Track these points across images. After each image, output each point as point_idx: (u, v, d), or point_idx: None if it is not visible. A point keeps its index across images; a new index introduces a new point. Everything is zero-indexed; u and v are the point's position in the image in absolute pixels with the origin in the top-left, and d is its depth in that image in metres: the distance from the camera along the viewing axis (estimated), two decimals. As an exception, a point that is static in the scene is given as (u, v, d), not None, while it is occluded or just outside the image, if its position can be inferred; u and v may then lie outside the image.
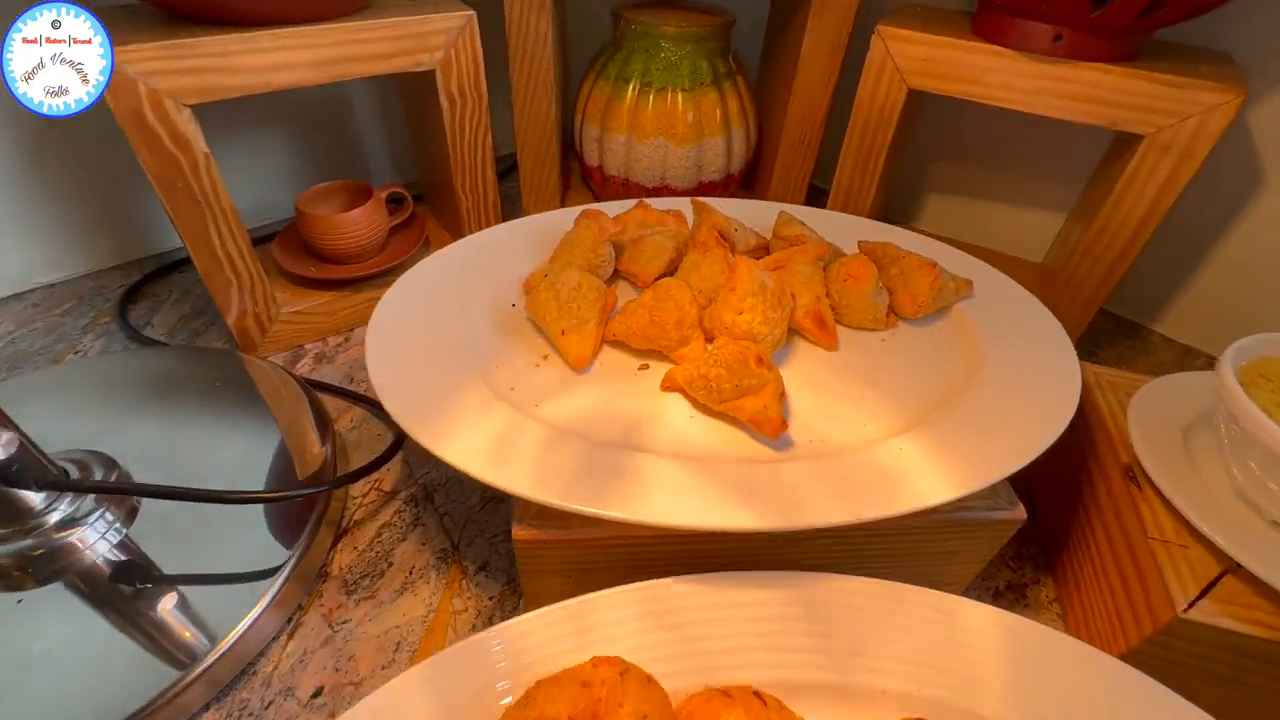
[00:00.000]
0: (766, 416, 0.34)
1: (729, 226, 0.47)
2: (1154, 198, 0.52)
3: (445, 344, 0.39)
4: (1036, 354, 0.41)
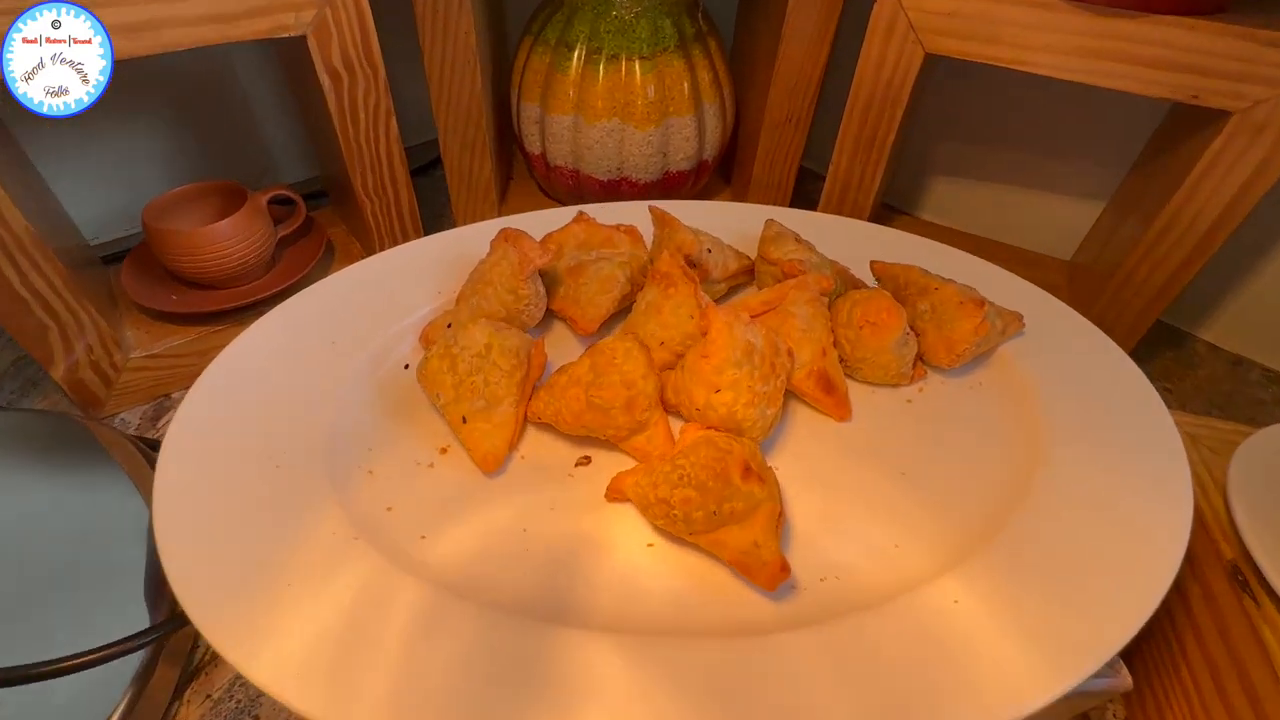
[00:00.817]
0: (758, 559, 0.23)
1: (699, 248, 0.35)
2: (1239, 190, 0.41)
3: (290, 448, 0.27)
4: (1115, 423, 0.30)
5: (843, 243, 0.39)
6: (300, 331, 0.32)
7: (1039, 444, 0.30)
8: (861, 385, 0.33)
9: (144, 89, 0.57)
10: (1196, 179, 0.42)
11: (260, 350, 0.31)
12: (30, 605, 0.34)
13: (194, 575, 0.22)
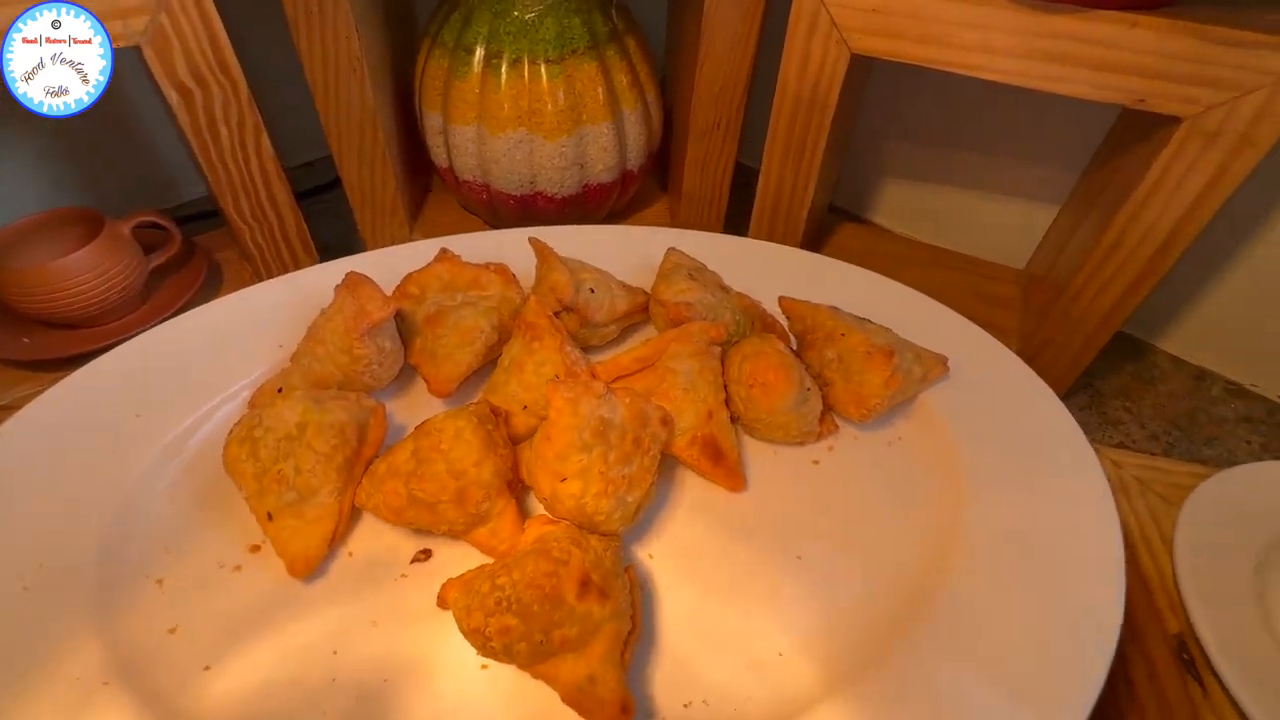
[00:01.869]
0: (595, 696, 0.19)
1: (577, 289, 0.30)
2: (1193, 201, 0.37)
3: (50, 560, 0.22)
4: (1045, 486, 0.26)
5: (757, 272, 0.35)
6: (96, 402, 0.27)
7: (957, 514, 0.26)
8: (762, 444, 0.29)
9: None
10: (1148, 190, 0.38)
11: (38, 428, 0.26)
12: None
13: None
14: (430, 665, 0.22)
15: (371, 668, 0.21)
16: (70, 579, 0.22)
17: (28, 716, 0.19)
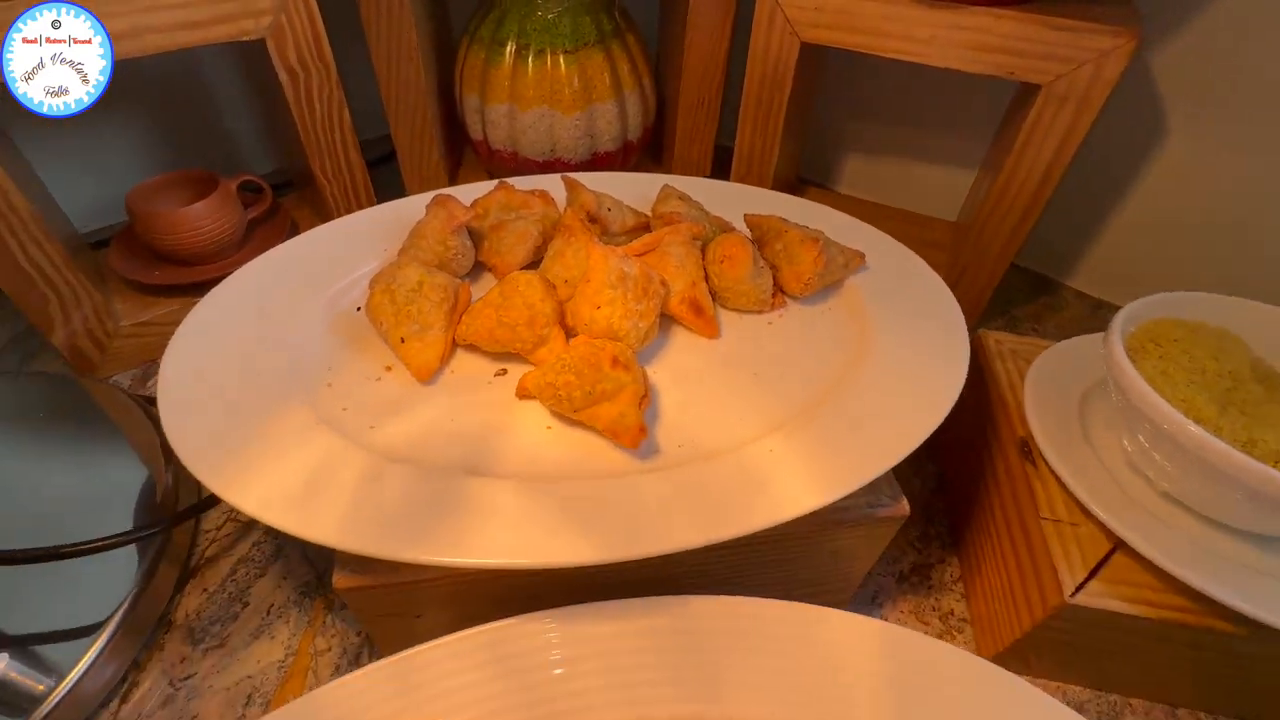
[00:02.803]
0: (624, 425, 0.31)
1: (599, 206, 0.42)
2: (1055, 149, 0.49)
3: (265, 363, 0.34)
4: (926, 332, 0.38)
5: (727, 202, 0.47)
6: (273, 280, 0.39)
7: (864, 346, 0.38)
8: (731, 313, 0.41)
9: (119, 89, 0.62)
10: (1022, 143, 0.50)
11: (242, 291, 0.38)
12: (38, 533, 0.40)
13: (195, 445, 0.29)
14: (514, 427, 0.33)
15: (476, 431, 0.33)
16: (281, 374, 0.34)
17: (276, 437, 0.30)
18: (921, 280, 0.42)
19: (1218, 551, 0.33)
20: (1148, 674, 0.37)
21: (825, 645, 0.28)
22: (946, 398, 0.34)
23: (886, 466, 0.30)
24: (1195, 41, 0.54)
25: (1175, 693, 0.38)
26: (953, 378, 0.35)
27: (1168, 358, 0.35)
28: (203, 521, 0.44)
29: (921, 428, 0.32)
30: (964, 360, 0.36)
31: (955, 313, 0.40)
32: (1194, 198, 0.59)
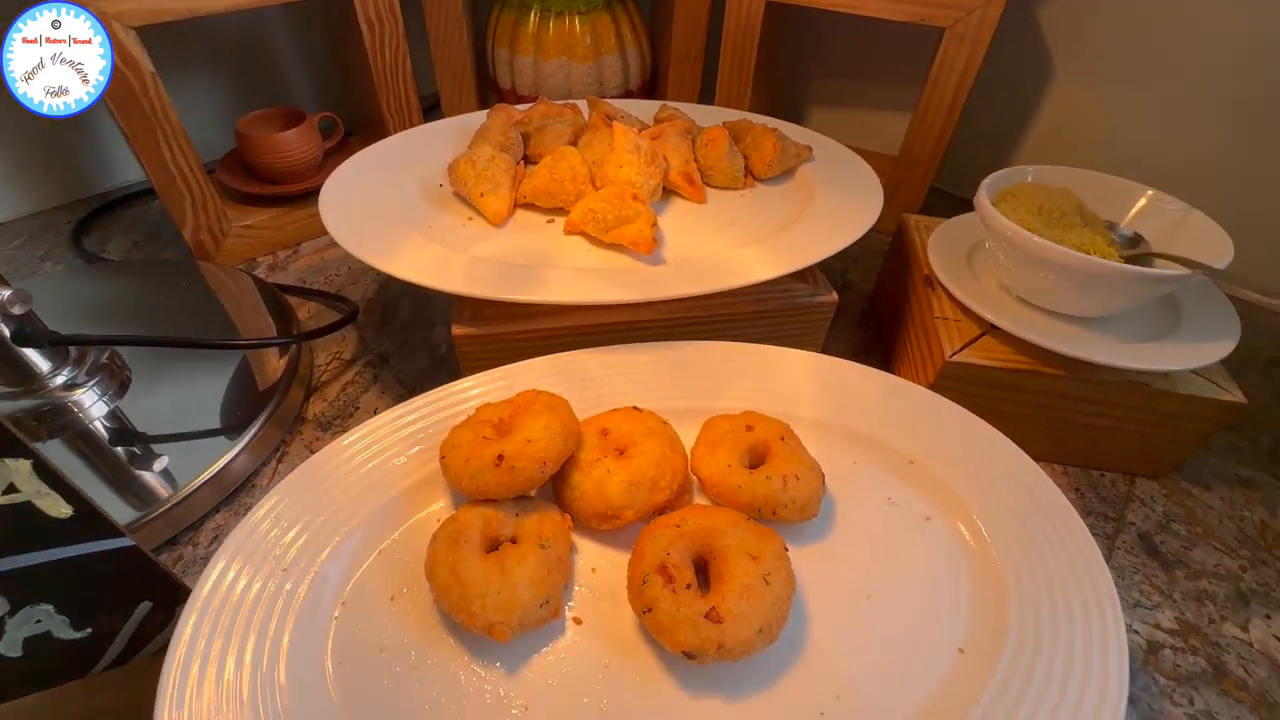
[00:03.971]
0: (641, 237, 0.45)
1: (617, 112, 0.57)
2: (957, 81, 0.64)
3: (387, 206, 0.49)
4: (854, 194, 0.53)
5: (711, 117, 0.62)
6: (384, 158, 0.54)
7: (810, 204, 0.53)
8: (715, 190, 0.56)
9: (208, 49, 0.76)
10: (934, 78, 0.65)
11: (365, 160, 0.53)
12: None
13: (350, 238, 0.44)
14: (565, 250, 0.47)
15: (540, 252, 0.47)
16: (394, 216, 0.48)
17: (403, 246, 0.45)
18: (852, 166, 0.58)
19: (1047, 326, 0.48)
20: (1012, 428, 0.51)
21: (781, 364, 0.42)
22: (860, 228, 0.48)
23: (818, 259, 0.45)
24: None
25: (1035, 446, 0.52)
26: (866, 218, 0.50)
27: (1016, 201, 0.50)
28: (315, 357, 0.58)
29: (842, 241, 0.47)
30: (876, 208, 0.51)
31: (874, 182, 0.55)
32: (1077, 127, 0.75)
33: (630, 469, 0.34)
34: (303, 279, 0.67)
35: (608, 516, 0.33)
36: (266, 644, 0.29)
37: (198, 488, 0.45)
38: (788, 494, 0.34)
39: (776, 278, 0.44)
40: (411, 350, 0.59)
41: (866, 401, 0.41)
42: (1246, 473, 0.53)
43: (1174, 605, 0.44)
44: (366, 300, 0.64)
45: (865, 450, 0.40)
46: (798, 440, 0.37)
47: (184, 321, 0.58)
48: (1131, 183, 0.51)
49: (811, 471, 0.35)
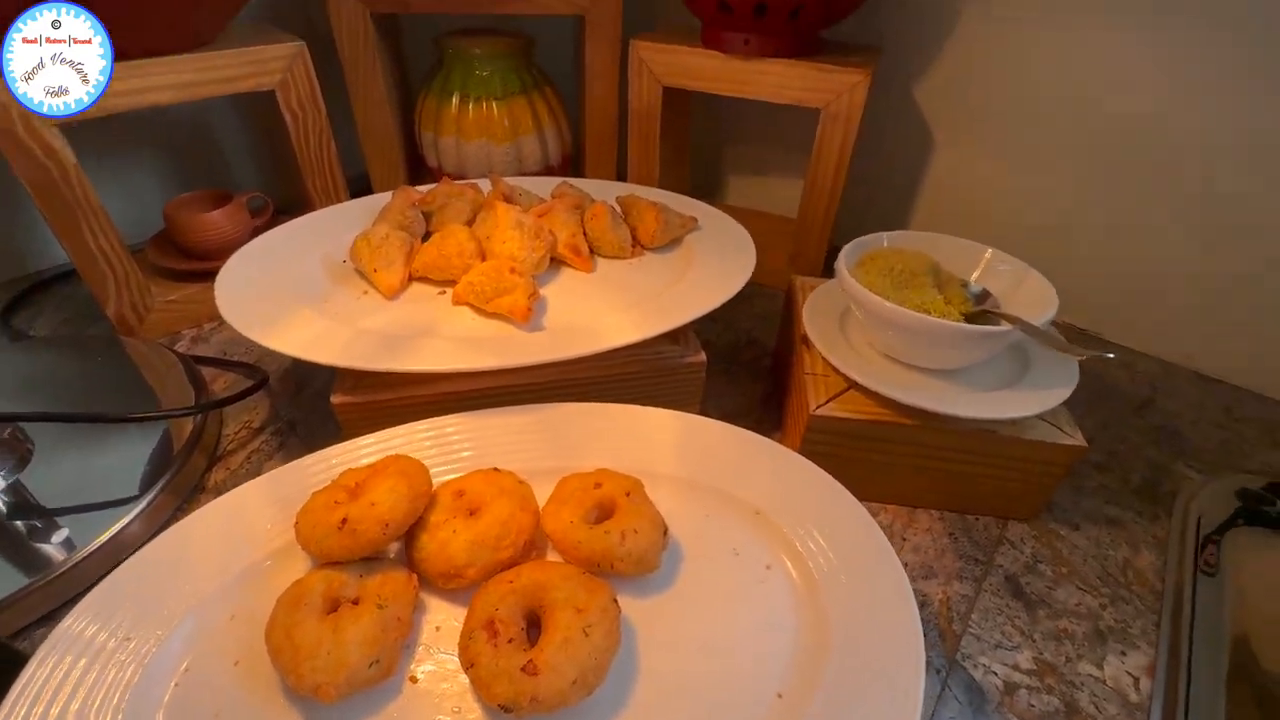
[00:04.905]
0: (517, 306, 0.48)
1: (514, 191, 0.61)
2: (838, 155, 0.70)
3: (285, 282, 0.52)
4: (731, 259, 0.58)
5: (607, 192, 0.67)
6: (288, 238, 0.57)
7: (689, 268, 0.57)
8: (606, 259, 0.60)
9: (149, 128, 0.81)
10: (817, 152, 0.71)
11: (271, 241, 0.57)
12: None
13: (239, 317, 0.46)
14: (451, 319, 0.51)
15: (428, 322, 0.50)
16: (289, 292, 0.51)
17: (292, 321, 0.47)
18: (732, 233, 0.62)
19: (904, 380, 0.51)
20: (883, 477, 0.54)
21: (642, 423, 0.45)
22: (729, 291, 0.52)
23: (684, 320, 0.49)
24: (941, 81, 0.77)
25: (908, 494, 0.55)
26: (737, 281, 0.54)
27: (873, 264, 0.54)
28: (225, 426, 0.60)
29: (709, 303, 0.51)
30: (748, 271, 0.55)
31: (749, 248, 0.59)
32: (953, 191, 0.81)
33: (476, 529, 0.36)
34: (224, 350, 0.69)
35: (451, 575, 0.35)
36: (97, 703, 0.30)
37: (87, 555, 0.46)
38: (624, 547, 0.36)
39: (644, 340, 0.47)
40: (321, 418, 0.61)
41: (721, 456, 0.44)
42: (1114, 512, 0.56)
43: (1033, 645, 0.46)
44: (283, 370, 0.66)
45: (717, 503, 0.42)
46: (643, 495, 0.39)
47: (101, 395, 0.59)
48: (975, 243, 0.56)
49: (651, 525, 0.37)
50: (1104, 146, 0.69)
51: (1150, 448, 0.63)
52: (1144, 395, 0.70)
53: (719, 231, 0.63)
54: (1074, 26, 0.67)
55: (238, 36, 0.67)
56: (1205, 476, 0.60)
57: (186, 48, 0.61)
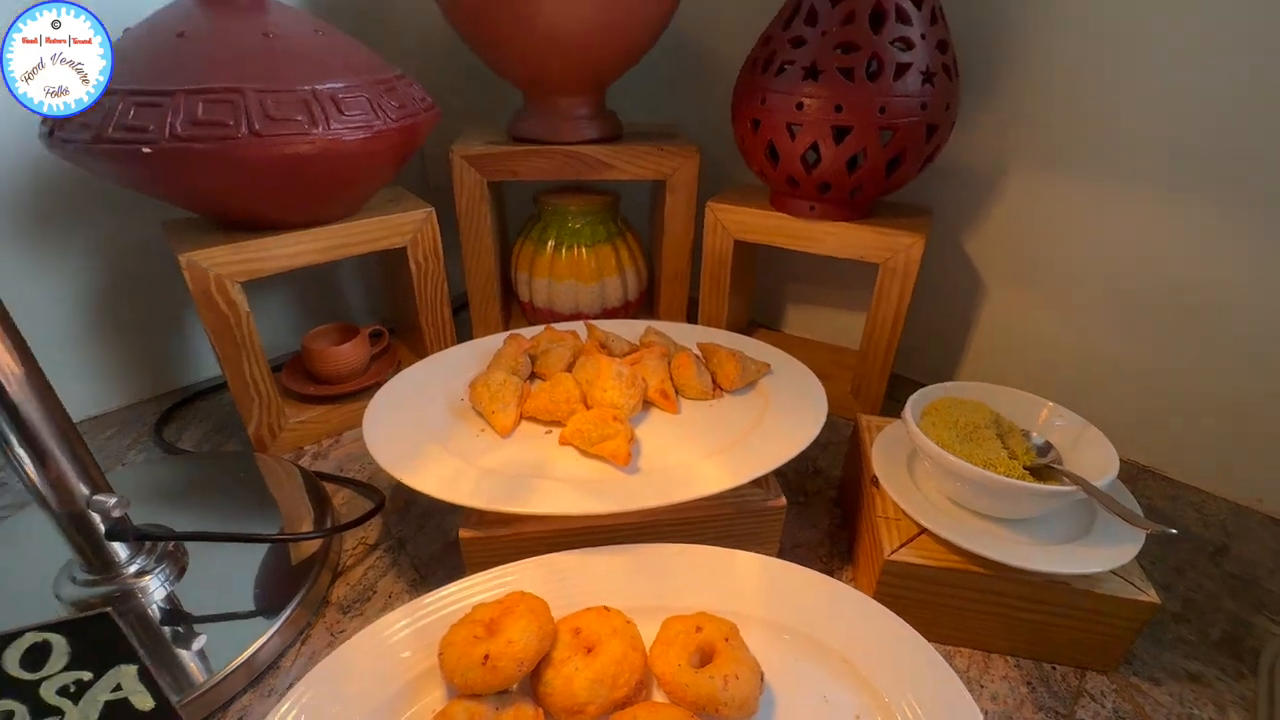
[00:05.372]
0: (618, 452, 0.55)
1: (608, 338, 0.70)
2: (896, 302, 0.77)
3: (415, 421, 0.60)
4: (805, 405, 0.64)
5: (688, 336, 0.75)
6: (416, 380, 0.66)
7: (765, 414, 0.63)
8: (687, 401, 0.67)
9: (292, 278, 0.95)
10: (877, 299, 0.78)
11: (402, 383, 0.65)
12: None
13: (384, 455, 0.54)
14: (559, 459, 0.58)
15: (538, 461, 0.57)
16: (422, 431, 0.59)
17: (427, 461, 0.55)
18: (803, 378, 0.68)
19: (973, 528, 0.54)
20: (960, 622, 0.56)
21: (731, 566, 0.50)
22: (804, 442, 0.58)
23: (769, 469, 0.54)
24: (988, 237, 0.84)
25: (986, 639, 0.57)
26: (811, 431, 0.59)
27: (937, 416, 0.59)
28: (344, 541, 0.67)
29: (788, 453, 0.56)
30: (820, 421, 0.61)
31: (820, 394, 0.65)
32: (1005, 334, 0.87)
33: (594, 667, 0.41)
34: (341, 465, 0.78)
35: (574, 712, 0.40)
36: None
37: (232, 671, 0.52)
38: (727, 693, 0.40)
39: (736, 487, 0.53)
40: (428, 535, 0.68)
41: (808, 602, 0.48)
42: (1196, 667, 0.56)
43: (1123, 809, 0.46)
44: (392, 488, 0.74)
45: (806, 649, 0.46)
46: (740, 641, 0.43)
47: (239, 509, 0.68)
48: (1034, 396, 0.61)
49: (751, 672, 0.41)
50: (1149, 304, 0.75)
51: (1228, 598, 0.63)
52: (1218, 541, 0.71)
53: (790, 376, 0.69)
54: (1105, 199, 0.74)
55: (375, 201, 0.80)
56: (1289, 631, 0.60)
57: (337, 220, 0.74)
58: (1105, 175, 0.73)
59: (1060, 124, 0.74)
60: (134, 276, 0.84)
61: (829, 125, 0.66)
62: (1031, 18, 0.72)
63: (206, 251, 0.65)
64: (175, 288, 0.77)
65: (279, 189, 0.63)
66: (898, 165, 0.69)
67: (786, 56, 0.67)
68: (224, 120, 0.55)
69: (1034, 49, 0.73)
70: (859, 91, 0.64)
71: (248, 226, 0.69)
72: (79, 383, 0.84)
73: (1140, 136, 0.69)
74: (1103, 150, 0.72)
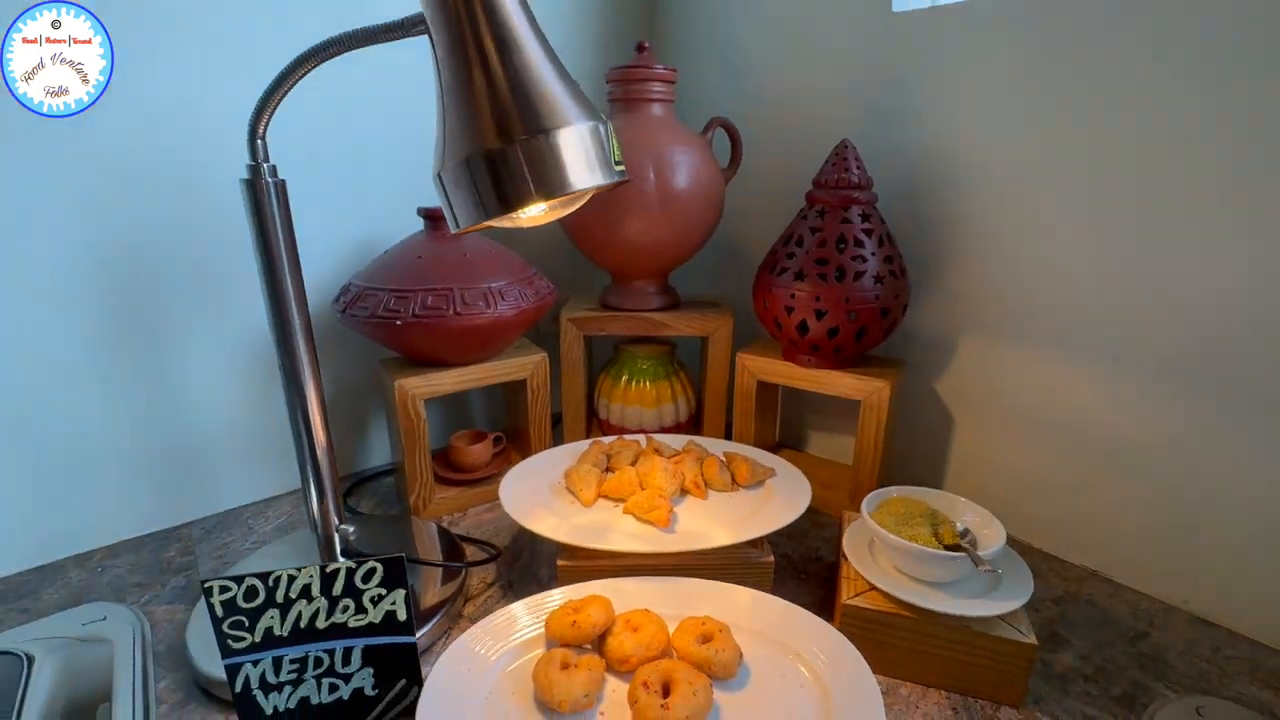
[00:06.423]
0: (662, 519, 0.84)
1: (661, 446, 1.01)
2: (875, 430, 1.04)
3: (530, 492, 0.92)
4: (795, 499, 0.91)
5: (717, 447, 1.05)
6: (528, 470, 0.99)
7: (768, 503, 0.91)
8: (715, 491, 0.95)
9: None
10: (861, 426, 1.05)
11: (521, 470, 0.98)
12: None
13: (512, 509, 0.86)
14: (624, 522, 0.87)
15: (611, 522, 0.87)
16: (532, 497, 0.91)
17: (539, 515, 0.86)
18: (796, 481, 0.96)
19: (908, 588, 0.78)
20: (897, 656, 0.77)
21: (732, 595, 0.76)
22: (785, 520, 0.85)
23: (761, 534, 0.81)
24: (951, 379, 1.11)
25: (920, 673, 0.77)
26: (792, 514, 0.86)
27: (887, 509, 0.85)
28: (471, 579, 0.96)
29: (775, 526, 0.83)
30: (806, 501, 0.88)
31: (806, 492, 0.92)
32: (977, 455, 1.11)
33: (636, 638, 0.67)
34: (469, 530, 1.09)
35: (623, 661, 0.66)
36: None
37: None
38: (717, 658, 0.65)
39: (737, 543, 0.80)
40: (525, 581, 0.96)
41: (777, 620, 0.73)
42: (1092, 712, 0.75)
43: (1006, 793, 0.65)
44: (504, 547, 1.04)
45: (772, 646, 0.70)
46: (730, 634, 0.69)
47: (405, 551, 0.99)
48: (952, 495, 0.85)
49: (734, 649, 0.67)
50: (1094, 442, 0.98)
51: (1136, 669, 0.81)
52: (1142, 629, 0.88)
53: (790, 478, 0.97)
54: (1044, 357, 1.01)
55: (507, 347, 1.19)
56: (1178, 695, 0.77)
57: (486, 360, 1.12)
58: (1041, 338, 1.00)
59: (1008, 295, 1.02)
60: (345, 392, 1.24)
61: (812, 309, 0.99)
62: (978, 209, 1.04)
63: (408, 379, 1.04)
64: (367, 402, 1.16)
65: (463, 345, 1.02)
66: (863, 335, 1.00)
67: (784, 264, 1.02)
68: (440, 307, 0.95)
69: (974, 241, 1.05)
70: (831, 289, 0.98)
71: (432, 364, 1.08)
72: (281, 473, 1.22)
73: (1074, 306, 0.96)
74: (1037, 315, 1.00)
